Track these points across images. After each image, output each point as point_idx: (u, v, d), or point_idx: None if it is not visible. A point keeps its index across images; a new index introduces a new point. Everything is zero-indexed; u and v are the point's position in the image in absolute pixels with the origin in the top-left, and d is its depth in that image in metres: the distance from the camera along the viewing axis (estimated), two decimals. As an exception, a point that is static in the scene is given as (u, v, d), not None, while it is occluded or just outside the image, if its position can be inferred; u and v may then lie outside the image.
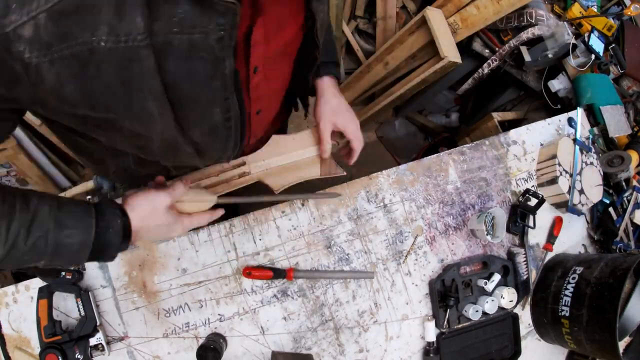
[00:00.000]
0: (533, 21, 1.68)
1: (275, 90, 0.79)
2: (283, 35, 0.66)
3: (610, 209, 1.28)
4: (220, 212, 0.77)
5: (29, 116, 1.46)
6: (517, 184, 1.20)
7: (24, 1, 0.40)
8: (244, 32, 0.57)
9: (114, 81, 0.47)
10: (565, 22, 1.69)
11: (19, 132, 1.58)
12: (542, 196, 1.13)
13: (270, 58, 0.66)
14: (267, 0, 0.55)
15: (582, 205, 1.20)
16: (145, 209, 0.65)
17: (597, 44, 1.69)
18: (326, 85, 0.88)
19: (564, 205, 1.19)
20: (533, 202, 1.14)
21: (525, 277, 1.14)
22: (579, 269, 1.05)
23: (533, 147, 1.24)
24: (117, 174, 0.85)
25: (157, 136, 0.59)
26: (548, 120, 1.30)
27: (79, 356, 0.86)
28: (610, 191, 1.35)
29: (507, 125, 1.84)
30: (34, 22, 0.41)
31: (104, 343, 0.89)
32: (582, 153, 1.24)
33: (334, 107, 0.88)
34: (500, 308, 1.09)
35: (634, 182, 1.37)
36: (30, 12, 0.40)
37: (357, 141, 0.91)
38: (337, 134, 0.93)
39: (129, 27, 0.44)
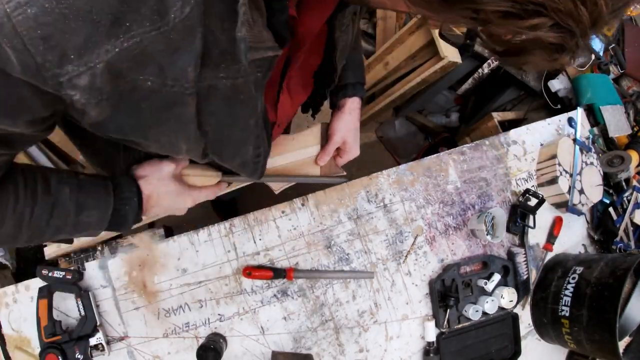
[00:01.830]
0: (533, 21, 1.67)
1: (295, 103, 0.83)
2: (308, 60, 0.69)
3: (610, 209, 1.28)
4: (225, 186, 0.78)
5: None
6: (517, 183, 1.20)
7: (83, 51, 0.37)
8: (281, 65, 0.60)
9: (149, 119, 0.47)
10: (565, 22, 1.69)
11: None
12: (542, 196, 1.13)
13: (296, 81, 0.70)
14: (305, 35, 0.58)
15: (582, 205, 1.20)
16: (153, 176, 0.67)
17: (597, 44, 1.69)
18: (354, 106, 0.92)
19: (564, 205, 1.19)
20: (533, 202, 1.14)
21: (525, 277, 1.14)
22: (579, 269, 1.05)
23: (533, 147, 1.24)
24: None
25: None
26: (548, 120, 1.30)
27: (79, 356, 0.86)
28: (610, 191, 1.35)
29: (507, 125, 1.84)
30: (90, 72, 0.39)
31: (104, 343, 0.89)
32: (582, 153, 1.24)
33: (351, 127, 0.92)
34: (500, 308, 1.09)
35: (634, 182, 1.37)
36: (89, 63, 0.38)
37: (351, 155, 0.96)
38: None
39: (178, 74, 0.43)
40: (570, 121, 1.31)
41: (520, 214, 1.14)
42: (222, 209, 1.86)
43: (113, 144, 0.69)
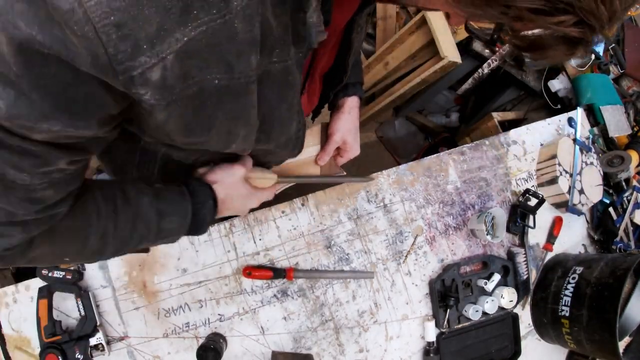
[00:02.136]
0: (533, 21, 1.67)
1: (309, 104, 0.84)
2: (322, 61, 0.70)
3: (610, 209, 1.28)
4: (279, 187, 0.80)
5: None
6: (517, 183, 1.20)
7: (155, 40, 0.35)
8: (309, 60, 0.61)
9: (214, 115, 0.46)
10: (565, 22, 1.69)
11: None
12: (542, 196, 1.13)
13: (313, 84, 0.71)
14: (331, 31, 0.58)
15: (582, 205, 1.20)
16: (228, 180, 0.68)
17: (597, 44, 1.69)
18: (353, 104, 0.93)
19: (564, 205, 1.19)
20: (533, 202, 1.14)
21: (525, 277, 1.14)
22: (579, 269, 1.05)
23: (533, 147, 1.24)
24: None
25: (224, 152, 0.60)
26: (548, 120, 1.30)
27: (79, 356, 0.86)
28: (610, 191, 1.35)
29: (507, 125, 1.84)
30: (162, 64, 0.36)
31: (104, 343, 0.89)
32: (582, 153, 1.24)
33: (350, 127, 0.93)
34: (500, 308, 1.09)
35: (634, 182, 1.37)
36: (161, 53, 0.35)
37: (352, 154, 0.96)
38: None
39: (245, 65, 0.43)
40: (570, 121, 1.31)
41: (520, 214, 1.14)
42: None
43: (128, 152, 0.69)
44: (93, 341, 0.88)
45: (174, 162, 0.67)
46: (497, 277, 1.08)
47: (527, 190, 1.15)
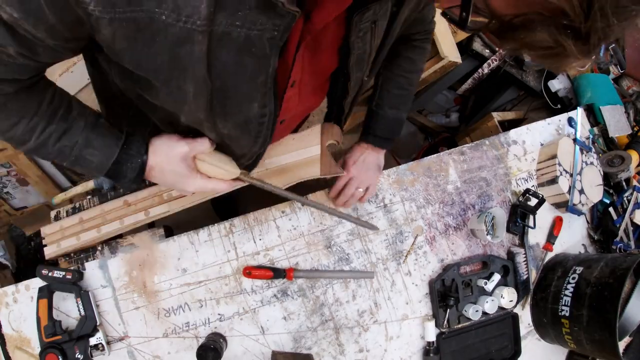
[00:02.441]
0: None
1: (303, 109, 0.84)
2: (321, 59, 0.69)
3: (611, 209, 1.28)
4: (240, 184, 0.78)
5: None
6: (517, 183, 1.20)
7: None
8: (295, 47, 0.60)
9: (161, 54, 0.50)
10: (565, 22, 1.69)
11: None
12: (542, 196, 1.13)
13: (307, 80, 0.70)
14: (316, 23, 0.58)
15: (582, 205, 1.20)
16: (162, 151, 0.69)
17: (597, 44, 1.69)
18: (376, 153, 0.99)
19: (564, 205, 1.19)
20: (533, 202, 1.14)
21: (525, 277, 1.14)
22: (579, 269, 1.05)
23: (533, 147, 1.24)
24: None
25: (185, 116, 0.63)
26: (548, 120, 1.30)
27: (79, 356, 0.86)
28: (611, 191, 1.35)
29: (507, 125, 1.84)
30: None
31: (104, 343, 0.89)
32: (582, 153, 1.24)
33: (368, 164, 0.98)
34: (500, 308, 1.09)
35: (634, 182, 1.37)
36: None
37: (370, 194, 1.03)
38: (337, 134, 0.94)
39: (191, 10, 0.45)
40: (571, 121, 1.31)
41: (520, 213, 1.14)
42: (222, 209, 1.85)
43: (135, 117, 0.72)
44: (93, 341, 0.88)
45: (143, 114, 0.70)
46: (497, 277, 1.08)
47: (527, 190, 1.15)
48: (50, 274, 0.88)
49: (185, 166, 0.70)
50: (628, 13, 0.35)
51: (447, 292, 1.05)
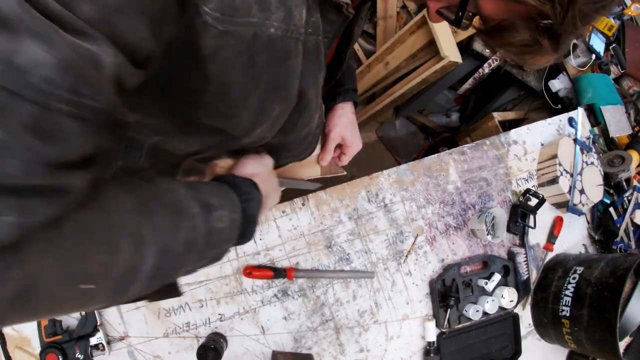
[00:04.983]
0: (534, 21, 1.67)
1: None
2: (330, 53, 0.67)
3: (611, 209, 1.28)
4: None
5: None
6: (517, 183, 1.20)
7: None
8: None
9: (260, 75, 0.41)
10: (565, 22, 1.68)
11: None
12: (543, 196, 1.13)
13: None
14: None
15: (583, 205, 1.20)
16: (263, 172, 0.59)
17: (598, 44, 1.69)
18: (348, 108, 0.91)
19: (565, 205, 1.19)
20: (533, 202, 1.14)
21: (525, 277, 1.14)
22: (580, 269, 1.05)
23: (533, 147, 1.24)
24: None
25: (247, 139, 0.51)
26: (549, 120, 1.29)
27: (79, 356, 0.86)
28: (611, 191, 1.35)
29: (507, 125, 1.84)
30: None
31: (104, 342, 0.89)
32: (582, 153, 1.24)
33: (346, 122, 0.91)
34: (501, 308, 1.09)
35: (635, 182, 1.37)
36: None
37: (354, 149, 0.92)
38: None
39: (299, 17, 0.41)
40: (571, 121, 1.31)
41: (520, 213, 1.14)
42: None
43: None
44: (93, 341, 0.88)
45: (164, 151, 0.54)
46: (497, 277, 1.08)
47: (527, 190, 1.15)
48: (50, 274, 0.88)
49: (276, 178, 0.64)
50: (590, 18, 0.43)
51: (447, 292, 1.05)
